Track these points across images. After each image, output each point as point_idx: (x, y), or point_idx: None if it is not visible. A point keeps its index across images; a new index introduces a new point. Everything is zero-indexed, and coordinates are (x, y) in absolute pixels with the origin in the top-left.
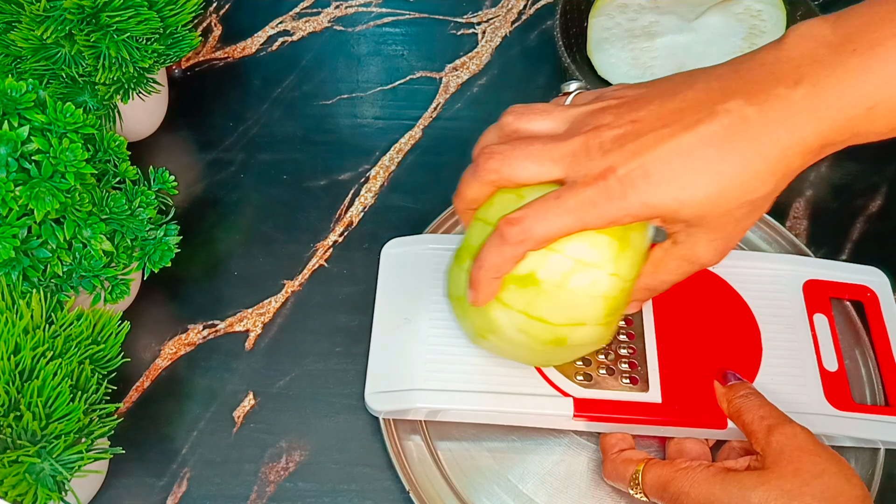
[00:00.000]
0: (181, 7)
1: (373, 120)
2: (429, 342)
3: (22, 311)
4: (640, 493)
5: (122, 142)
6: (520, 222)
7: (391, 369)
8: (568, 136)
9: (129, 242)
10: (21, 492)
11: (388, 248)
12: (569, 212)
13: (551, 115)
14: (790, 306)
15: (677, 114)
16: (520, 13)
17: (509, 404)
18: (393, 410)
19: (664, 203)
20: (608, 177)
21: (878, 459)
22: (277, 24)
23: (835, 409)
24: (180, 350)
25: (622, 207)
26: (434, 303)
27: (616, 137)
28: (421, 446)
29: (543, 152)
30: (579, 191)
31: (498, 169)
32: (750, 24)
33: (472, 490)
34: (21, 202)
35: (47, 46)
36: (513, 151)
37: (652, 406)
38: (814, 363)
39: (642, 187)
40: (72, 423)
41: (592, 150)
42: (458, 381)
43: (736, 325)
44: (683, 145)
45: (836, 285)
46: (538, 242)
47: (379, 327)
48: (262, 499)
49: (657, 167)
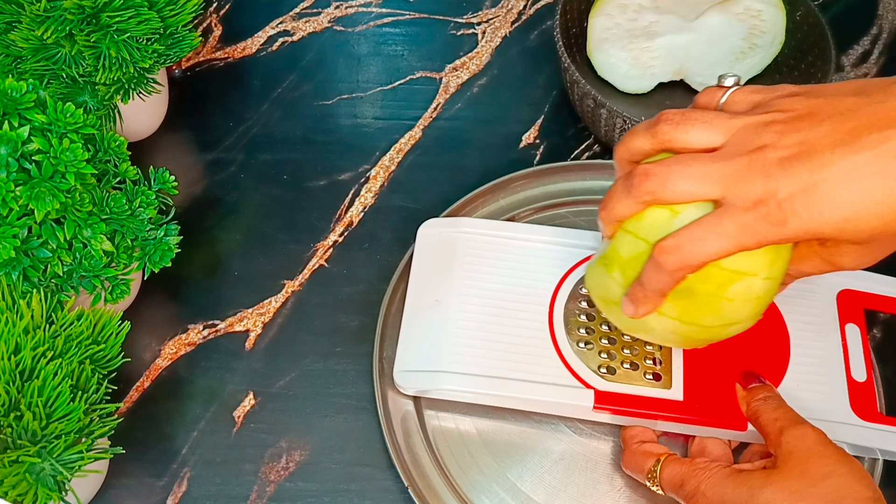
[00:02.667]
0: (181, 7)
1: (373, 120)
2: (458, 325)
3: (22, 311)
4: (656, 486)
5: (122, 142)
6: (677, 251)
7: (419, 349)
8: (729, 155)
9: (130, 242)
10: (21, 492)
11: (424, 229)
12: (726, 236)
13: (710, 126)
14: (822, 314)
15: (849, 136)
16: (520, 13)
17: (531, 392)
18: (419, 389)
19: (824, 231)
20: (768, 202)
21: (875, 470)
22: (277, 25)
23: (860, 419)
24: (180, 350)
25: (781, 233)
26: (465, 287)
27: (781, 160)
28: (420, 445)
29: (703, 174)
30: (736, 215)
31: (655, 191)
32: (750, 24)
33: (470, 488)
34: (21, 202)
35: (48, 46)
36: (671, 174)
37: (673, 403)
38: (841, 372)
39: (803, 215)
40: (72, 423)
41: (754, 172)
42: (483, 366)
43: (765, 328)
44: (850, 171)
45: (872, 297)
46: (695, 268)
47: (411, 306)
48: (262, 499)
49: (821, 195)
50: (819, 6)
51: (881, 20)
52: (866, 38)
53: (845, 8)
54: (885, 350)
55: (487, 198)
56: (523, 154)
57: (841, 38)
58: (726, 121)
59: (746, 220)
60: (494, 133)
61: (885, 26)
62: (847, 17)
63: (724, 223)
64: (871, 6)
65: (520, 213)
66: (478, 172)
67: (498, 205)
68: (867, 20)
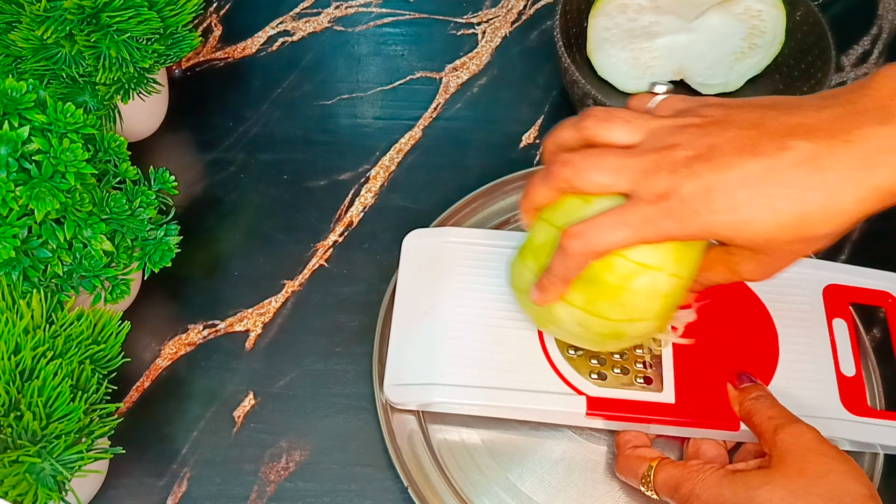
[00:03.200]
0: (181, 7)
1: (373, 120)
2: (448, 336)
3: (22, 311)
4: (651, 490)
5: (122, 142)
6: (581, 236)
7: (410, 362)
8: (642, 151)
9: (130, 242)
10: (21, 492)
11: (409, 239)
12: (628, 226)
13: (631, 126)
14: (809, 310)
15: (752, 143)
16: (520, 13)
17: (523, 401)
18: (410, 402)
19: (720, 231)
20: (671, 197)
21: (876, 464)
22: (277, 25)
23: (850, 413)
24: (180, 350)
25: (680, 228)
26: (453, 297)
27: (687, 158)
28: (421, 445)
29: (615, 166)
30: (641, 207)
31: (569, 178)
32: (750, 25)
33: (471, 489)
34: (21, 202)
35: (48, 46)
36: (586, 163)
37: (665, 406)
38: (831, 368)
39: (703, 212)
40: (72, 423)
41: (662, 169)
42: (474, 377)
43: (753, 327)
44: (749, 176)
45: (857, 290)
46: (598, 255)
47: (398, 318)
48: (262, 499)
49: (720, 195)
50: (819, 6)
51: (881, 20)
52: (866, 38)
53: (845, 8)
54: (885, 349)
55: (487, 198)
56: (523, 154)
57: (841, 38)
58: (646, 122)
59: (649, 213)
60: (494, 133)
61: (885, 26)
62: (847, 17)
63: (628, 214)
64: (871, 6)
65: (520, 214)
66: (478, 172)
67: (498, 205)
68: (867, 20)
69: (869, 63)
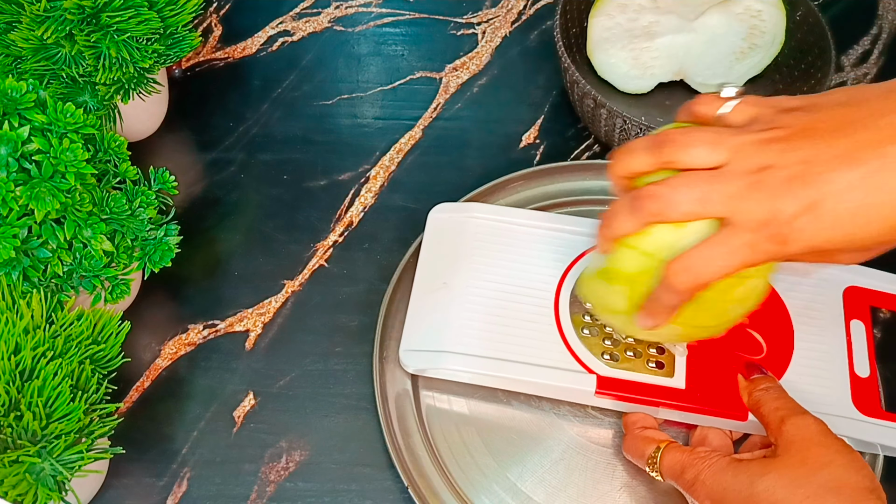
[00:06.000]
0: (181, 7)
1: (373, 120)
2: (464, 308)
3: (22, 311)
4: (656, 472)
5: (122, 142)
6: (688, 271)
7: (425, 329)
8: (732, 175)
9: (130, 242)
10: (21, 492)
11: (434, 213)
12: (733, 255)
13: (712, 146)
14: (828, 310)
15: (845, 153)
16: (520, 13)
17: (534, 374)
18: (423, 368)
19: (828, 246)
20: (774, 221)
21: (876, 465)
22: (277, 25)
23: (861, 414)
24: (180, 350)
25: (787, 250)
26: (473, 271)
27: (783, 180)
28: (420, 445)
29: (708, 195)
30: (742, 235)
31: (661, 212)
32: (750, 24)
33: (471, 488)
34: (21, 202)
35: (48, 46)
36: (677, 195)
37: (674, 391)
38: (845, 367)
39: (808, 232)
40: (72, 423)
41: (759, 192)
42: (488, 348)
43: (770, 322)
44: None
45: (878, 294)
46: (705, 286)
47: (419, 287)
48: (262, 499)
49: (823, 212)
50: (819, 6)
51: (881, 20)
52: (866, 38)
53: (845, 8)
54: (885, 349)
55: (487, 198)
56: (523, 154)
57: (841, 38)
58: (727, 139)
59: (753, 240)
60: (494, 133)
61: (885, 26)
62: (847, 17)
63: (732, 243)
64: (871, 6)
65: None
66: (478, 172)
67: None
68: (867, 20)
69: (869, 63)
